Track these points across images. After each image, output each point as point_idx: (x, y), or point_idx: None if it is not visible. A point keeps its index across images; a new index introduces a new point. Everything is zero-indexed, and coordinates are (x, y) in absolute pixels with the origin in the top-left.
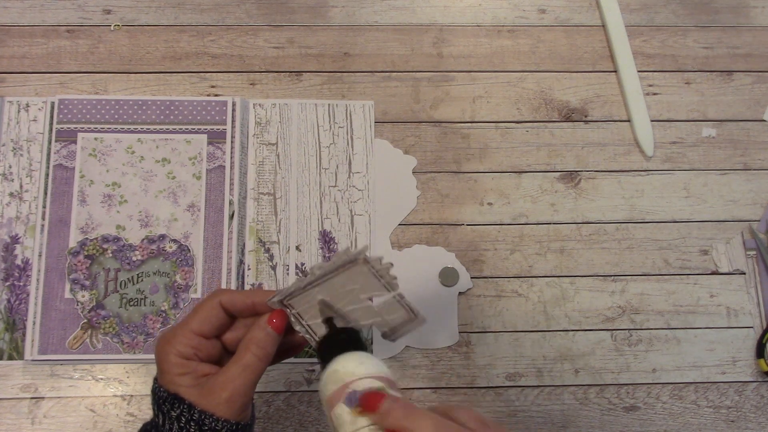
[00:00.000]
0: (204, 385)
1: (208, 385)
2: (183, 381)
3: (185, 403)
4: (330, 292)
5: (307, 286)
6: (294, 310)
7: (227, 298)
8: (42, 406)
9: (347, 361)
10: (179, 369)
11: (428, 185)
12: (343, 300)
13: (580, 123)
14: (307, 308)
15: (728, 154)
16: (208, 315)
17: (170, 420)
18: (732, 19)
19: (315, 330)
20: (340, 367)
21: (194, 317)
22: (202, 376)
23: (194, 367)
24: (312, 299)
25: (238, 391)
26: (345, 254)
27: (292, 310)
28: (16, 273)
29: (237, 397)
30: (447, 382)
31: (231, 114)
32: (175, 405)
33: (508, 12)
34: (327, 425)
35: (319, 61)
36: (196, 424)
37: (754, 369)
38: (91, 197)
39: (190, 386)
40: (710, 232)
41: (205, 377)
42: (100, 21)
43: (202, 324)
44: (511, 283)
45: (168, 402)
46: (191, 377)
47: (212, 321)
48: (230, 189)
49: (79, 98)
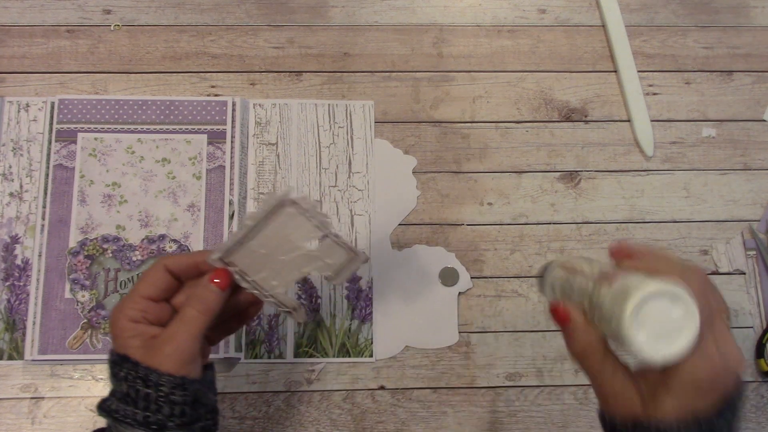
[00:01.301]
0: (150, 344)
1: (153, 343)
2: (132, 343)
3: (131, 361)
4: (267, 242)
5: (243, 240)
6: (237, 268)
7: (171, 261)
8: (42, 406)
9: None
10: (129, 332)
11: (428, 185)
12: (283, 249)
13: (580, 123)
14: (250, 263)
15: (728, 154)
16: (154, 279)
17: (119, 381)
18: (732, 19)
19: (262, 285)
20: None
21: (141, 282)
22: (151, 338)
23: (143, 329)
24: (252, 254)
25: (180, 346)
26: (271, 198)
27: (234, 267)
28: (16, 273)
29: (179, 351)
30: (447, 382)
31: (231, 114)
32: (123, 366)
33: (508, 12)
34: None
35: (319, 61)
36: (142, 381)
37: (754, 369)
38: (91, 197)
39: (138, 347)
40: (710, 232)
41: (153, 338)
42: (100, 21)
43: (148, 288)
44: (511, 283)
45: (117, 364)
46: (140, 339)
47: (158, 284)
48: (230, 189)
49: (79, 98)
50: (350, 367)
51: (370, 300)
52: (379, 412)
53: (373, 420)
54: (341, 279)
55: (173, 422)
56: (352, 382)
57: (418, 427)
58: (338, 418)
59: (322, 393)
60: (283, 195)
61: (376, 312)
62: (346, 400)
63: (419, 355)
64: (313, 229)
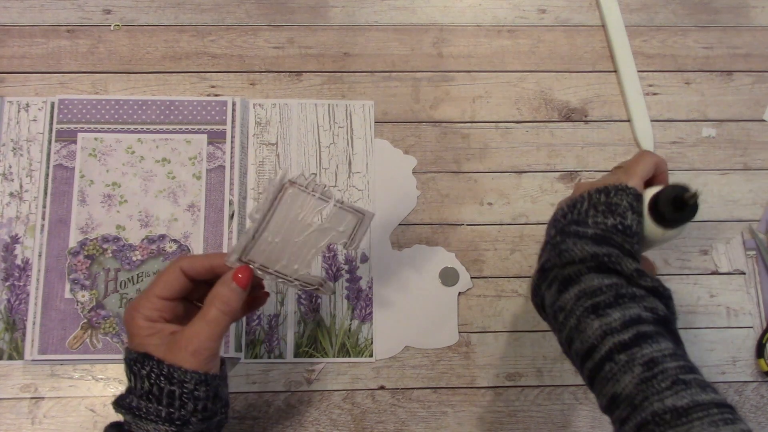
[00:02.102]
0: (171, 342)
1: (174, 341)
2: (152, 341)
3: (154, 359)
4: (278, 229)
5: (255, 235)
6: (256, 264)
7: (187, 264)
8: (42, 406)
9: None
10: (147, 331)
11: (428, 185)
12: (295, 231)
13: (580, 123)
14: (268, 255)
15: (728, 154)
16: (170, 280)
17: (141, 378)
18: (732, 19)
19: (285, 273)
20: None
21: (157, 283)
22: (169, 335)
23: (161, 327)
24: (267, 245)
25: (203, 344)
26: (271, 185)
27: (254, 264)
28: (16, 273)
29: (203, 350)
30: (447, 382)
31: (231, 114)
32: (145, 363)
33: (508, 12)
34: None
35: (319, 61)
36: (165, 378)
37: (754, 369)
38: (91, 197)
39: (158, 345)
40: (710, 232)
41: (172, 335)
42: (100, 21)
43: (164, 289)
44: (511, 283)
45: (138, 362)
46: (159, 337)
47: (174, 285)
48: (230, 189)
49: (79, 98)
50: (350, 367)
51: (370, 300)
52: (379, 412)
53: (373, 420)
54: (357, 243)
55: (196, 417)
56: (352, 382)
57: (418, 427)
58: (338, 418)
59: (322, 393)
60: (281, 179)
61: (376, 312)
62: (346, 400)
63: (419, 355)
64: (317, 202)
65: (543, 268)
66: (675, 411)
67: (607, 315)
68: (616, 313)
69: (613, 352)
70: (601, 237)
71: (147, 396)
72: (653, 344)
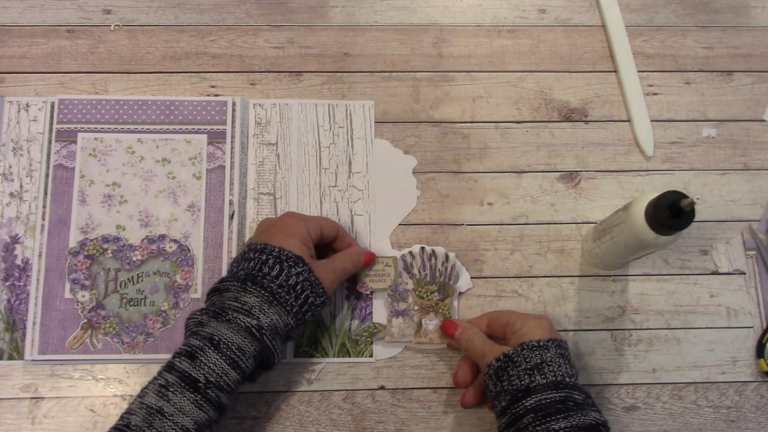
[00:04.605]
0: (318, 264)
1: (321, 265)
2: (305, 251)
3: (307, 266)
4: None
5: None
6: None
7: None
8: (42, 406)
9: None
10: (305, 242)
11: (428, 185)
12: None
13: (580, 123)
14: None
15: (728, 154)
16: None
17: (288, 274)
18: (732, 19)
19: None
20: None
21: (325, 220)
22: (311, 257)
23: (311, 246)
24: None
25: (335, 280)
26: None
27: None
28: (16, 273)
29: (334, 283)
30: (447, 382)
31: (231, 114)
32: (299, 264)
33: (508, 12)
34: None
35: (319, 61)
36: (310, 285)
37: (754, 369)
38: (91, 197)
39: (308, 257)
40: (710, 232)
41: (312, 258)
42: (100, 21)
43: (323, 228)
44: (511, 283)
45: (292, 260)
46: (309, 252)
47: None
48: (230, 189)
49: (79, 98)
50: (350, 367)
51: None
52: (379, 412)
53: (373, 420)
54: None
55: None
56: (352, 382)
57: (418, 427)
58: (338, 418)
59: (322, 393)
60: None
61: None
62: (346, 400)
63: (419, 355)
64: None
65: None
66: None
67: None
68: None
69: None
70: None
71: (289, 290)
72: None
